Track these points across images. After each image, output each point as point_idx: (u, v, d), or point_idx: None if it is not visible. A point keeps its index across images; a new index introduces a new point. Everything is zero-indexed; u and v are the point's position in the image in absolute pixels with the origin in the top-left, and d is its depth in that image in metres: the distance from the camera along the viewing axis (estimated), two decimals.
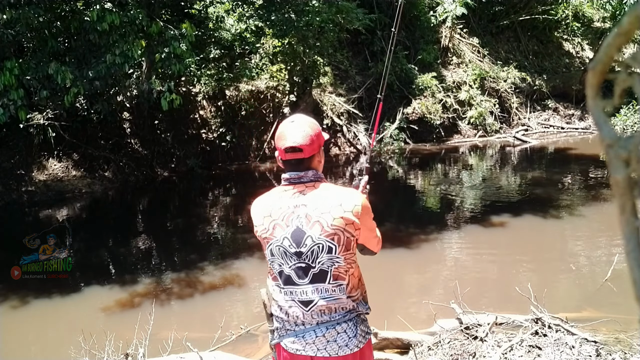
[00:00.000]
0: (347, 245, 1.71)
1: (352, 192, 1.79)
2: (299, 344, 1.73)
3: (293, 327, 1.75)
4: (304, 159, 1.74)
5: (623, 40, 0.49)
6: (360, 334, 1.74)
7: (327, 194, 1.73)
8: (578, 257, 5.98)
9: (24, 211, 8.56)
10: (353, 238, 1.72)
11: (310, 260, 1.71)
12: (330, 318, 1.72)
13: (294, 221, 1.71)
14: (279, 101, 11.67)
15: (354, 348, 1.72)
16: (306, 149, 1.72)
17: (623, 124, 10.64)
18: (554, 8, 16.48)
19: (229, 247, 6.70)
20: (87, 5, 8.02)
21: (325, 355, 1.71)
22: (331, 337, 1.71)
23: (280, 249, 1.74)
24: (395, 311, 4.45)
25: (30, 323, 4.80)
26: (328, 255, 1.70)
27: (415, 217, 7.63)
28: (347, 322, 1.73)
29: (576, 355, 3.12)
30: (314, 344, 1.71)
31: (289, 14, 10.41)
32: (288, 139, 1.72)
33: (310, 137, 1.73)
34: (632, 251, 0.46)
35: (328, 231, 1.68)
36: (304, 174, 1.75)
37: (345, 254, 1.72)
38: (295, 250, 1.71)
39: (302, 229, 1.70)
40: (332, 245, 1.69)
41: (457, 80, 14.22)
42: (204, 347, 3.72)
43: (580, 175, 10.20)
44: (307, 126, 1.75)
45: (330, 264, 1.71)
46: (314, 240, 1.69)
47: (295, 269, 1.73)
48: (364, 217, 1.73)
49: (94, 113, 9.50)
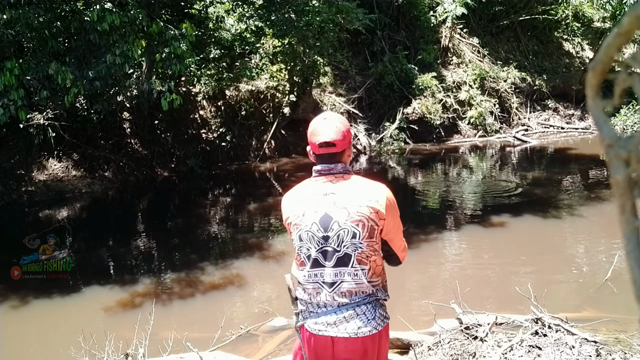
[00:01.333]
0: (370, 232, 1.82)
1: (380, 185, 1.91)
2: (320, 324, 1.83)
3: (316, 310, 1.85)
4: (336, 153, 1.88)
5: (623, 40, 0.49)
6: (379, 317, 1.84)
7: (355, 184, 1.87)
8: (578, 257, 5.98)
9: (24, 211, 8.56)
10: (377, 227, 1.83)
11: (336, 245, 1.82)
12: (350, 300, 1.82)
13: (322, 207, 1.84)
14: (279, 101, 11.67)
15: (372, 330, 1.80)
16: (339, 144, 1.86)
17: (623, 124, 10.64)
18: (554, 8, 16.48)
19: (229, 247, 6.70)
20: (87, 5, 8.02)
21: (344, 335, 1.79)
22: (350, 318, 1.80)
23: (309, 233, 1.85)
24: (395, 311, 4.42)
25: (30, 323, 4.80)
26: (352, 240, 1.81)
27: (415, 217, 7.63)
28: (366, 305, 1.82)
29: (576, 355, 3.12)
30: (334, 325, 1.80)
31: (289, 14, 10.41)
32: (322, 134, 1.85)
33: (342, 133, 1.87)
34: (632, 251, 0.46)
35: (353, 217, 1.81)
36: (334, 166, 1.88)
37: (368, 240, 1.82)
38: (323, 234, 1.83)
39: (330, 215, 1.82)
40: (356, 230, 1.81)
41: (457, 80, 14.22)
42: (204, 347, 3.72)
43: (580, 175, 10.20)
44: (340, 122, 1.91)
45: (354, 248, 1.82)
46: (340, 226, 1.81)
47: (322, 252, 1.84)
48: (389, 209, 1.85)
49: (94, 113, 9.50)
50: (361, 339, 1.79)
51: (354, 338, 1.79)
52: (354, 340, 1.79)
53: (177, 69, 8.28)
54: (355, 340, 1.79)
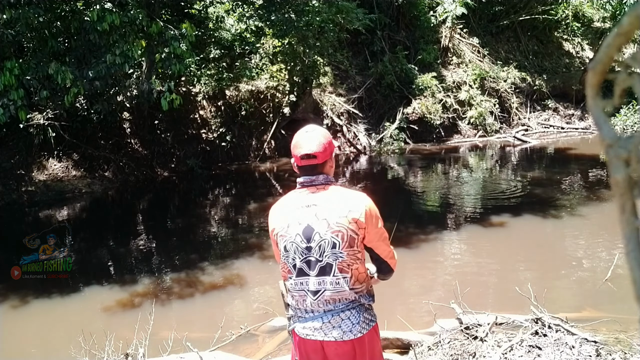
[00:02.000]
0: (350, 241, 1.89)
1: (359, 195, 1.97)
2: (308, 329, 1.92)
3: (304, 315, 1.95)
4: (317, 165, 1.96)
5: (623, 40, 0.49)
6: (363, 320, 1.92)
7: (335, 195, 1.94)
8: (578, 257, 5.98)
9: (24, 211, 8.56)
10: (357, 236, 1.90)
11: (318, 255, 1.90)
12: (334, 307, 1.91)
13: (305, 219, 1.92)
14: (279, 101, 11.67)
15: (357, 333, 1.89)
16: (320, 156, 1.94)
17: (623, 124, 10.64)
18: (554, 8, 16.48)
19: (229, 247, 6.70)
20: (87, 5, 8.02)
21: (331, 339, 1.89)
22: (336, 323, 1.89)
23: (294, 244, 1.94)
24: (395, 311, 4.45)
25: (30, 323, 4.80)
26: (332, 250, 1.89)
27: (415, 217, 7.63)
28: (350, 310, 1.91)
29: (576, 355, 3.12)
30: (321, 329, 1.90)
31: (289, 14, 10.41)
32: (304, 147, 1.94)
33: (324, 145, 1.95)
34: (632, 251, 0.46)
35: (333, 228, 1.88)
36: (316, 178, 1.97)
37: (348, 250, 1.90)
38: (306, 245, 1.91)
39: (312, 226, 1.90)
40: (336, 240, 1.88)
41: (457, 80, 14.22)
42: (204, 347, 3.72)
43: (580, 175, 10.20)
44: (321, 135, 1.98)
45: (335, 257, 1.89)
46: (321, 236, 1.89)
47: (306, 262, 1.93)
48: (369, 218, 1.91)
49: (94, 113, 9.50)
50: (349, 342, 1.88)
51: (341, 342, 1.88)
52: (342, 343, 1.88)
53: (177, 69, 8.29)
54: (344, 343, 1.88)
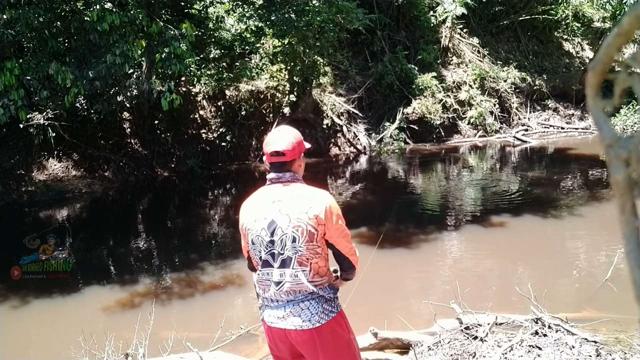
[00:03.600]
0: (309, 236, 1.99)
1: (321, 193, 2.08)
2: (273, 317, 2.05)
3: (270, 304, 2.08)
4: (285, 162, 2.07)
5: (623, 40, 0.49)
6: (322, 311, 2.01)
7: (298, 191, 2.05)
8: (578, 257, 5.98)
9: (24, 211, 8.56)
10: (316, 232, 2.00)
11: (279, 248, 2.02)
12: (294, 297, 2.02)
13: (270, 214, 2.03)
14: (279, 101, 11.67)
15: (315, 323, 1.99)
16: (288, 154, 2.05)
17: (623, 124, 10.65)
18: (554, 8, 16.48)
19: (229, 247, 6.70)
20: (87, 5, 8.02)
21: (292, 328, 2.00)
22: (296, 313, 2.00)
23: (259, 237, 2.05)
24: (395, 311, 4.45)
25: (30, 323, 4.80)
26: (292, 244, 2.00)
27: (415, 217, 7.63)
28: (309, 301, 2.01)
29: (576, 355, 3.12)
30: (283, 318, 2.02)
31: (289, 14, 10.41)
32: (274, 145, 2.06)
33: (293, 145, 2.06)
34: (632, 251, 0.46)
35: (294, 223, 1.99)
36: (283, 175, 2.08)
37: (307, 244, 2.00)
38: (270, 238, 2.03)
39: (275, 221, 2.02)
40: (296, 235, 1.99)
41: (457, 80, 14.21)
42: (204, 347, 3.72)
43: (580, 175, 10.20)
44: (292, 135, 2.10)
45: (295, 251, 2.00)
46: (283, 231, 2.00)
47: (270, 254, 2.04)
48: (328, 215, 2.02)
49: (94, 113, 9.50)
50: (308, 331, 1.98)
51: (300, 330, 1.99)
52: (301, 332, 1.99)
53: (177, 69, 8.29)
54: (302, 332, 1.99)
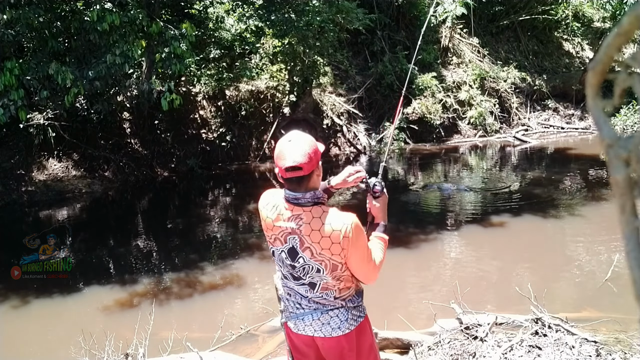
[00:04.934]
0: (333, 268, 1.88)
1: (344, 221, 1.84)
2: (300, 325, 1.98)
3: (295, 310, 1.99)
4: (304, 177, 1.83)
5: (623, 40, 0.49)
6: (351, 317, 1.96)
7: (320, 221, 1.84)
8: (578, 257, 5.98)
9: (24, 211, 8.56)
10: (339, 263, 1.87)
11: (301, 274, 1.92)
12: (322, 307, 1.95)
13: (290, 241, 1.89)
14: (279, 101, 11.67)
15: (345, 330, 1.93)
16: (305, 167, 1.80)
17: (623, 124, 10.65)
18: (554, 8, 16.47)
19: (229, 247, 6.70)
20: (87, 5, 8.01)
21: (321, 335, 1.94)
22: (325, 321, 1.93)
23: (280, 256, 1.94)
24: (395, 311, 4.45)
25: (30, 323, 4.80)
26: (317, 273, 1.89)
27: (415, 217, 7.63)
28: (338, 309, 1.94)
29: (576, 355, 3.12)
30: (311, 326, 1.95)
31: (289, 14, 10.41)
32: (287, 158, 1.79)
33: (309, 155, 1.81)
34: (632, 251, 0.46)
35: (317, 258, 1.86)
36: (302, 196, 1.86)
37: (332, 274, 1.89)
38: (291, 262, 1.92)
39: (296, 250, 1.88)
40: (320, 267, 1.88)
41: (457, 80, 14.21)
42: (204, 347, 3.72)
43: (580, 175, 10.20)
44: (305, 144, 1.83)
45: (319, 279, 1.90)
46: (305, 261, 1.88)
47: (290, 273, 1.95)
48: (351, 245, 1.84)
49: (94, 113, 9.50)
50: (336, 339, 1.93)
51: (329, 338, 1.93)
52: (330, 339, 1.94)
53: (177, 69, 8.28)
54: (331, 339, 1.94)
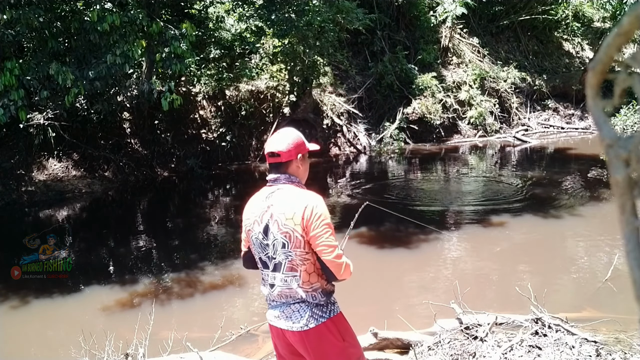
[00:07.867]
0: (297, 243, 2.00)
1: (309, 198, 2.04)
2: (272, 316, 2.12)
3: (270, 302, 2.14)
4: (281, 163, 2.08)
5: (623, 40, 0.49)
6: (311, 315, 2.03)
7: (288, 197, 2.05)
8: (578, 257, 5.98)
9: (24, 211, 8.56)
10: (302, 238, 1.99)
11: (272, 252, 2.06)
12: (286, 300, 2.07)
13: (265, 218, 2.06)
14: (279, 101, 11.67)
15: (303, 327, 2.01)
16: (283, 155, 2.06)
17: (623, 124, 10.63)
18: (554, 8, 16.47)
19: (229, 247, 6.70)
20: (88, 5, 8.02)
21: (285, 328, 2.06)
22: (288, 314, 2.05)
23: (257, 240, 2.09)
24: (395, 311, 4.45)
25: (30, 323, 4.80)
26: (282, 249, 2.02)
27: (415, 217, 7.62)
28: (299, 304, 2.04)
29: (576, 355, 3.12)
30: (278, 318, 2.08)
31: (289, 14, 10.41)
32: (270, 146, 2.09)
33: (288, 145, 2.07)
34: (632, 251, 0.46)
35: (282, 229, 2.01)
36: (279, 177, 2.10)
37: (296, 250, 2.01)
38: (265, 242, 2.07)
39: (269, 226, 2.05)
40: (284, 241, 2.01)
41: (457, 80, 14.21)
42: (204, 347, 3.72)
43: (580, 175, 10.20)
44: (290, 137, 2.11)
45: (285, 256, 2.02)
46: (274, 236, 2.03)
47: (266, 257, 2.09)
48: (312, 220, 1.98)
49: (94, 113, 9.50)
50: (298, 333, 2.02)
51: (291, 331, 2.04)
52: (291, 334, 2.05)
53: (177, 69, 8.28)
54: (293, 333, 2.03)
